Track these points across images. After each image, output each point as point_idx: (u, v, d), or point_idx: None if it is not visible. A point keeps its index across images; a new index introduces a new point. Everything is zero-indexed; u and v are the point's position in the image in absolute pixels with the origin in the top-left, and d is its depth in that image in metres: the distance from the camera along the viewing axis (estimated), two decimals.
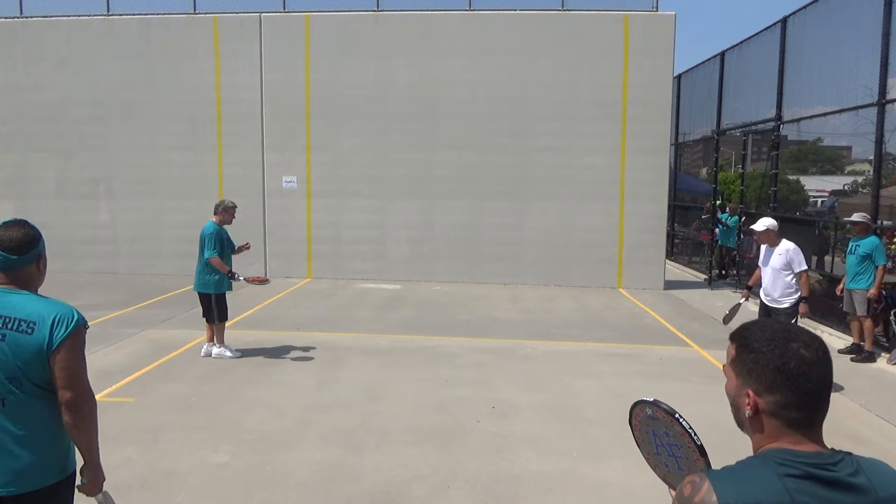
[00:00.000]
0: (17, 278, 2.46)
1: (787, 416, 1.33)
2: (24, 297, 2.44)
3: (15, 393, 2.39)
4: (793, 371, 1.31)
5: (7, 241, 2.43)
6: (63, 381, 2.41)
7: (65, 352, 2.39)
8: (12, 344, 2.36)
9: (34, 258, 2.50)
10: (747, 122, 13.09)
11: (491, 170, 13.21)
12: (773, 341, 1.32)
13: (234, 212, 7.90)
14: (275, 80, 13.40)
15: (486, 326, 9.55)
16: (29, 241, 2.47)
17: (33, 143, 13.96)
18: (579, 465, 4.86)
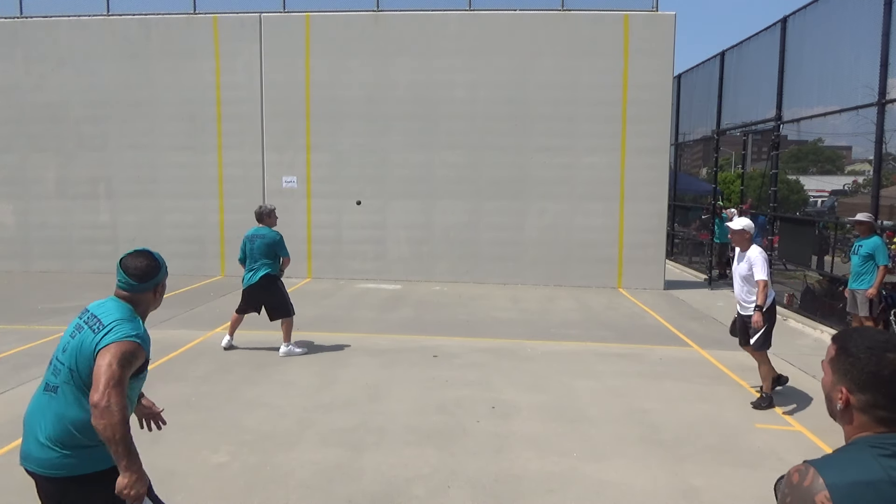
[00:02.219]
0: (132, 299, 2.79)
1: (876, 413, 1.49)
2: (119, 306, 2.73)
3: (69, 384, 2.59)
4: (886, 378, 1.47)
5: (132, 269, 2.76)
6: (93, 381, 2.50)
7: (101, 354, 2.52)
8: (83, 338, 2.60)
9: (151, 287, 2.84)
10: (747, 122, 13.09)
11: (491, 170, 13.21)
12: (871, 349, 1.49)
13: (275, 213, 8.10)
14: (275, 80, 13.40)
15: (486, 326, 9.55)
16: (151, 272, 2.80)
17: (33, 143, 13.96)
18: (579, 465, 4.85)
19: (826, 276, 11.01)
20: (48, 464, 2.62)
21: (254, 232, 7.78)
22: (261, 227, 7.81)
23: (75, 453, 2.61)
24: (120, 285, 2.79)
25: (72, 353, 2.61)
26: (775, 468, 4.86)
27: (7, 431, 5.33)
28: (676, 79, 16.32)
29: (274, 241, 7.70)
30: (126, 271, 2.77)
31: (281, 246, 7.74)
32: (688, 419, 5.85)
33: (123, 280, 2.78)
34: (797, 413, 6.06)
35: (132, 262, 2.78)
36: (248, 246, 7.70)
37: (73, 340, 2.64)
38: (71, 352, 2.61)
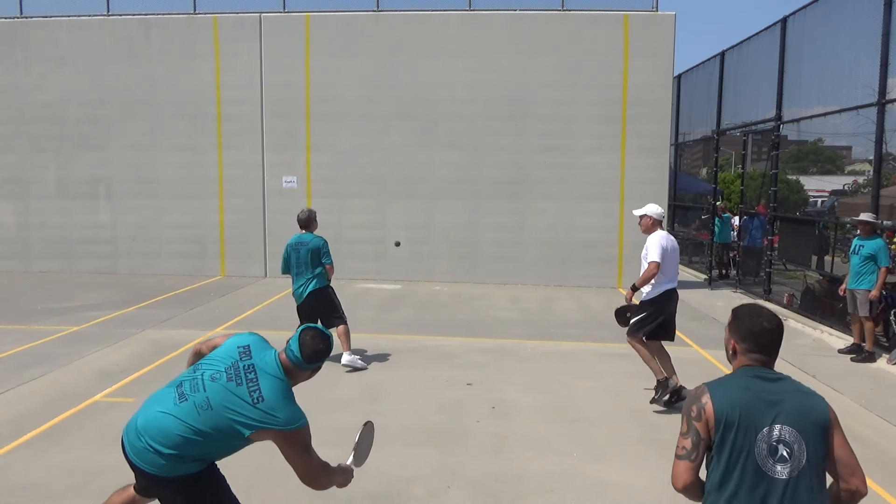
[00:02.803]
0: (293, 373, 2.91)
1: (749, 356, 2.35)
2: (280, 384, 2.85)
3: (202, 408, 2.77)
4: (756, 333, 2.33)
5: (309, 350, 2.89)
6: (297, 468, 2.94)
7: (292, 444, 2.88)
8: (236, 391, 2.77)
9: (315, 368, 2.99)
10: (747, 122, 13.08)
11: (491, 170, 13.21)
12: (750, 316, 2.36)
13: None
14: (275, 80, 13.40)
15: (486, 326, 9.55)
16: (321, 356, 2.94)
17: (33, 143, 13.96)
18: (579, 465, 4.85)
19: (826, 276, 11.01)
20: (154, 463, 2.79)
21: (297, 239, 7.40)
22: (304, 233, 7.42)
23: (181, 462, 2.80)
24: (290, 357, 2.89)
25: (216, 396, 2.78)
26: None
27: (7, 431, 5.33)
28: (676, 79, 16.31)
29: (318, 247, 7.32)
30: (302, 350, 2.89)
31: (326, 252, 7.37)
32: None
33: (296, 356, 2.88)
34: None
35: (312, 343, 2.90)
36: (294, 255, 7.31)
37: (228, 384, 2.79)
38: (216, 393, 2.78)
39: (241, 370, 2.82)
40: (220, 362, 2.88)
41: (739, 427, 2.20)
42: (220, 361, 2.89)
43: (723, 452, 2.22)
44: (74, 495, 4.29)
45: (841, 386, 6.90)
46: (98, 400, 6.09)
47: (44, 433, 5.32)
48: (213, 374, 2.84)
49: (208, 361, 2.92)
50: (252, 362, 2.85)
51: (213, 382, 2.80)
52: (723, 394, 2.26)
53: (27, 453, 4.92)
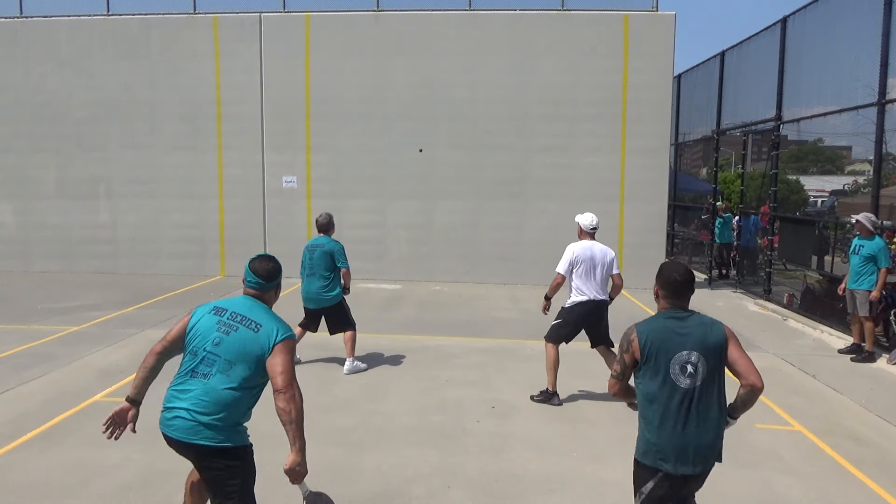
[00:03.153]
0: (262, 297, 3.34)
1: (667, 300, 3.16)
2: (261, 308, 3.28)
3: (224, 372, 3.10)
4: (671, 282, 3.14)
5: (262, 272, 3.31)
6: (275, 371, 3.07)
7: (280, 353, 3.11)
8: (244, 335, 3.14)
9: (275, 286, 3.39)
10: (747, 122, 13.08)
11: (491, 170, 13.21)
12: (668, 269, 3.20)
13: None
14: (275, 80, 13.40)
15: (486, 326, 9.55)
16: (275, 273, 3.37)
17: (33, 143, 13.96)
18: (579, 465, 4.86)
19: (826, 276, 11.01)
20: (193, 432, 3.08)
21: (313, 242, 7.35)
22: (321, 236, 7.36)
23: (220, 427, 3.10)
24: (250, 285, 3.32)
25: (230, 348, 3.11)
26: (775, 468, 4.86)
27: (7, 431, 5.33)
28: (676, 79, 16.30)
29: (333, 251, 7.22)
30: (256, 273, 3.31)
31: (341, 255, 7.25)
32: None
33: (254, 281, 3.31)
34: (797, 413, 6.06)
35: (261, 265, 3.33)
36: (308, 256, 7.25)
37: (228, 337, 3.13)
38: (229, 346, 3.11)
39: (228, 322, 3.17)
40: (209, 330, 3.16)
41: (659, 354, 3.05)
42: (207, 331, 3.17)
43: (648, 372, 3.08)
44: (74, 495, 4.29)
45: (841, 386, 6.90)
46: (98, 400, 6.09)
47: (44, 433, 5.32)
48: (214, 340, 3.13)
49: (197, 340, 3.17)
50: (230, 311, 3.21)
51: (218, 347, 3.12)
52: (645, 331, 3.10)
53: (27, 453, 4.92)
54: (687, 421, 3.01)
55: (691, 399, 3.02)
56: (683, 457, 3.01)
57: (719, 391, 3.09)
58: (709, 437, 3.04)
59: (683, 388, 3.02)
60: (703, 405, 3.03)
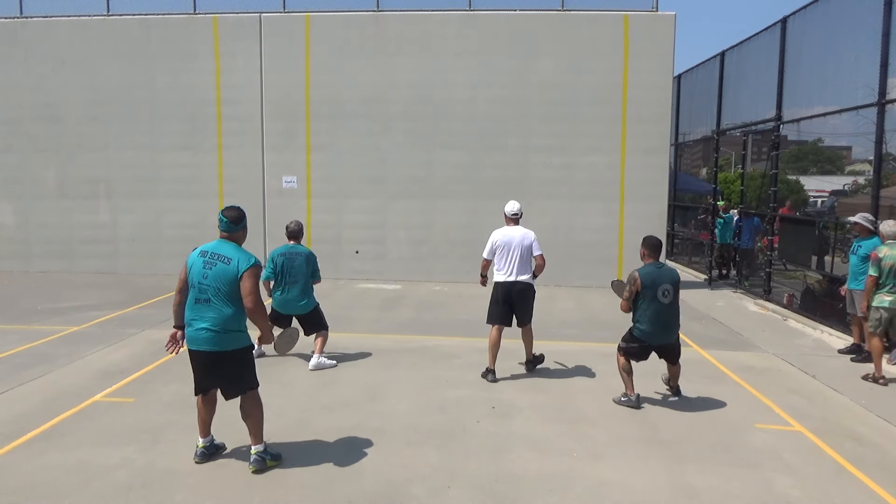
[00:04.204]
0: (233, 238, 4.64)
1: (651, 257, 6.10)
2: (230, 246, 4.59)
3: (217, 296, 4.47)
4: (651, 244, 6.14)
5: (231, 216, 4.62)
6: (245, 293, 4.45)
7: (247, 277, 4.45)
8: (220, 270, 4.46)
9: (242, 227, 4.70)
10: (747, 122, 13.08)
11: (491, 170, 13.21)
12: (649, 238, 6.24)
13: None
14: (275, 80, 13.40)
15: (486, 326, 9.51)
16: (241, 218, 4.68)
17: (33, 143, 13.96)
18: (579, 465, 4.86)
19: (826, 276, 11.00)
20: (211, 341, 4.49)
21: (290, 249, 7.35)
22: (294, 243, 7.43)
23: (227, 335, 4.52)
24: (223, 228, 4.62)
25: (214, 279, 4.45)
26: (775, 468, 4.86)
27: (7, 431, 5.33)
28: (676, 79, 16.31)
29: (313, 259, 7.41)
30: (230, 218, 4.61)
31: (316, 266, 7.47)
32: (688, 419, 5.85)
33: (225, 222, 4.61)
34: (797, 413, 6.06)
35: (230, 212, 4.63)
36: (287, 264, 7.24)
37: (212, 271, 4.45)
38: (213, 277, 4.45)
39: (209, 260, 4.50)
40: (199, 268, 4.50)
41: (649, 287, 5.89)
42: (199, 269, 4.50)
43: (644, 299, 5.94)
44: (74, 495, 4.29)
45: (841, 386, 6.90)
46: (98, 400, 6.09)
47: (44, 433, 5.32)
48: (203, 275, 4.48)
49: (193, 276, 4.50)
50: (210, 251, 4.54)
51: (206, 279, 4.47)
52: (643, 273, 5.94)
53: (27, 453, 4.92)
54: (663, 321, 5.99)
55: (667, 310, 5.98)
56: (659, 337, 6.06)
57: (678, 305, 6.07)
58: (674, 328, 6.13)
59: (662, 304, 5.94)
60: (672, 313, 6.04)
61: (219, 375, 4.62)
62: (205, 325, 4.45)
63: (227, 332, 4.48)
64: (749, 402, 6.37)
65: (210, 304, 4.45)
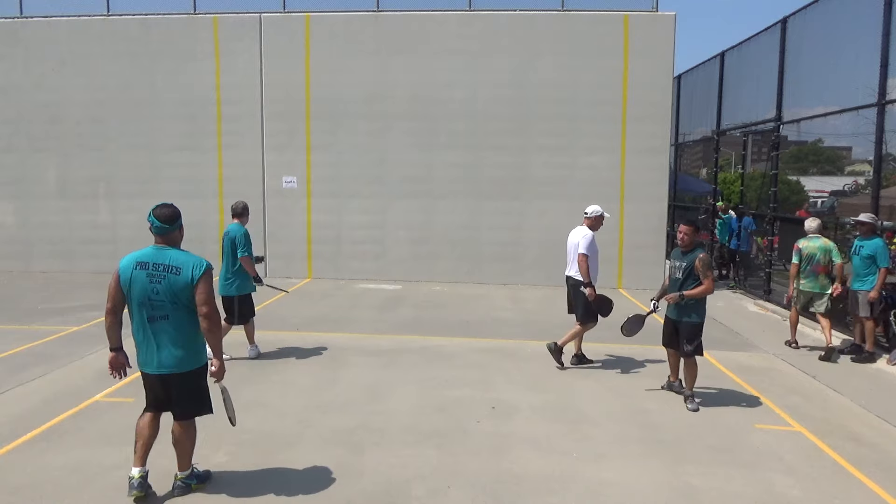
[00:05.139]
0: (168, 239, 4.14)
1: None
2: (173, 252, 4.10)
3: (175, 311, 4.01)
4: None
5: (163, 216, 4.11)
6: (201, 301, 4.00)
7: (201, 284, 4.01)
8: (171, 282, 3.98)
9: (178, 227, 4.19)
10: (747, 123, 13.08)
11: (491, 170, 13.21)
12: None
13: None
14: (275, 80, 13.40)
15: (486, 326, 9.55)
16: (175, 217, 4.16)
17: (33, 143, 13.96)
18: (579, 465, 4.85)
19: None
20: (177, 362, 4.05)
21: (226, 229, 7.49)
22: (234, 223, 7.47)
23: (191, 353, 4.09)
24: (157, 231, 4.13)
25: (167, 292, 3.98)
26: (775, 468, 4.86)
27: (7, 431, 5.32)
28: (676, 79, 16.30)
29: (234, 237, 7.30)
30: (160, 218, 4.11)
31: (241, 243, 7.28)
32: (688, 419, 5.85)
33: (159, 225, 4.11)
34: (797, 413, 6.06)
35: (161, 211, 4.13)
36: (223, 243, 7.42)
37: (162, 285, 3.98)
38: (165, 292, 3.98)
39: (154, 273, 4.02)
40: (144, 283, 4.00)
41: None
42: (143, 283, 4.00)
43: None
44: (74, 495, 4.28)
45: (841, 386, 6.90)
46: (98, 400, 6.09)
47: (44, 433, 5.32)
48: (153, 290, 4.00)
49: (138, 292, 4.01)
50: (151, 262, 4.04)
51: (158, 294, 3.99)
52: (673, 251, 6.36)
53: (27, 453, 4.92)
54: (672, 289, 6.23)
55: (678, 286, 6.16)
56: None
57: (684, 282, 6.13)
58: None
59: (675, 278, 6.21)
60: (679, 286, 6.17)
61: (179, 397, 4.18)
62: (167, 345, 4.02)
63: (190, 349, 4.09)
64: (749, 402, 6.37)
65: (169, 320, 4.01)
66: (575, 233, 7.49)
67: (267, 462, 4.83)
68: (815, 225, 8.57)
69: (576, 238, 7.37)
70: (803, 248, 8.40)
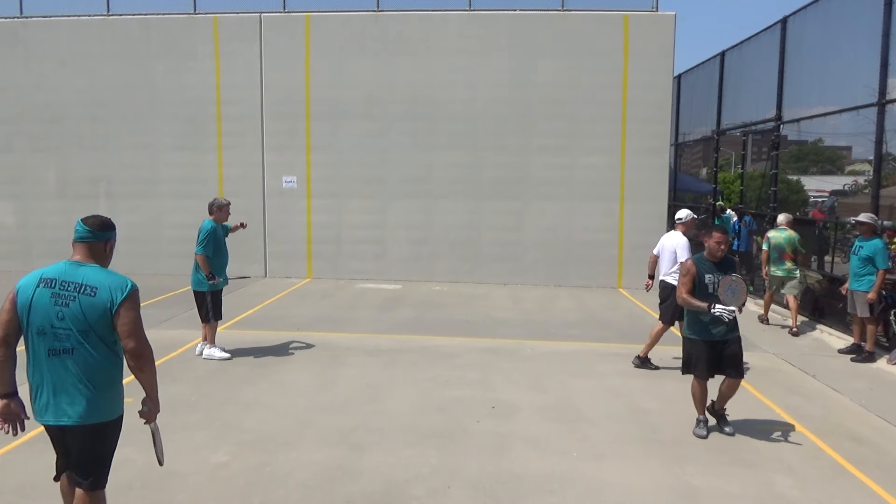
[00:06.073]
0: (90, 252, 3.21)
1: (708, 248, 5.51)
2: (90, 269, 3.16)
3: (83, 344, 3.08)
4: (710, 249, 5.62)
5: (91, 222, 3.25)
6: (125, 332, 3.08)
7: (124, 310, 3.08)
8: (83, 304, 3.06)
9: (105, 239, 3.26)
10: (747, 122, 13.08)
11: (491, 170, 13.21)
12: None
13: (228, 208, 7.89)
14: (275, 80, 13.40)
15: (486, 326, 9.55)
16: (106, 226, 3.28)
17: (33, 143, 13.96)
18: (579, 465, 4.85)
19: (826, 276, 11.00)
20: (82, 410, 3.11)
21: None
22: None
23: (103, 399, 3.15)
24: (79, 237, 3.22)
25: (76, 318, 3.06)
26: (775, 468, 4.86)
27: None
28: (676, 79, 16.30)
29: (201, 230, 7.56)
30: (85, 223, 3.24)
31: (199, 240, 7.49)
32: (688, 419, 5.84)
33: (86, 230, 3.21)
34: (797, 413, 6.06)
35: (91, 218, 3.28)
36: None
37: (70, 309, 3.06)
38: (73, 318, 3.06)
39: (61, 293, 3.09)
40: (47, 306, 3.10)
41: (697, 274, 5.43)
42: (43, 307, 3.11)
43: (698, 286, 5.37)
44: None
45: (841, 386, 6.90)
46: None
47: (43, 433, 5.30)
48: (57, 315, 3.08)
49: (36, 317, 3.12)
50: (59, 280, 3.13)
51: (62, 322, 3.08)
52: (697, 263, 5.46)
53: (27, 453, 4.92)
54: None
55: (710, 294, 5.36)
56: None
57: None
58: None
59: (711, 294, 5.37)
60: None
61: (80, 458, 3.25)
62: (68, 388, 3.10)
63: (100, 395, 3.14)
64: (749, 402, 6.36)
65: (74, 355, 3.08)
66: (670, 238, 7.47)
67: (267, 462, 4.83)
68: (784, 218, 9.57)
69: (672, 243, 7.37)
70: (772, 237, 9.52)
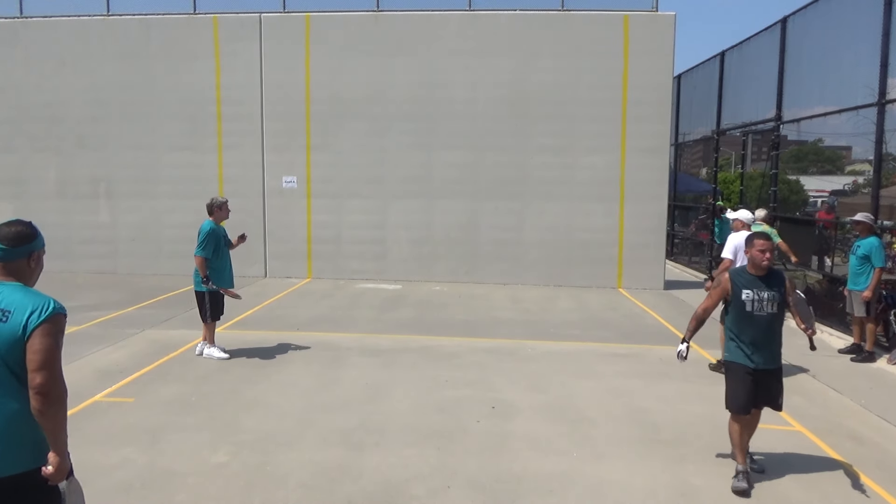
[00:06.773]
0: (9, 270, 2.64)
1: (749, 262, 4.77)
2: (6, 288, 2.60)
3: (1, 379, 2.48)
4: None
5: (4, 234, 2.63)
6: (33, 363, 2.51)
7: (38, 337, 2.53)
8: None
9: (26, 253, 2.67)
10: (747, 122, 13.08)
11: (491, 170, 13.21)
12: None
13: (227, 206, 7.96)
14: (275, 80, 13.39)
15: (486, 326, 9.55)
16: (23, 238, 2.66)
17: (33, 143, 13.96)
18: (579, 465, 4.85)
19: (826, 276, 11.00)
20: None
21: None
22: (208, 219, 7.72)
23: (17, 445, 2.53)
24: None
25: None
26: (775, 469, 4.86)
27: None
28: (676, 79, 16.31)
29: (201, 231, 7.62)
30: (5, 238, 2.63)
31: (198, 242, 7.55)
32: (688, 419, 5.85)
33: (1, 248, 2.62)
34: (797, 413, 6.06)
35: (5, 228, 2.65)
36: None
37: None
38: None
39: None
40: None
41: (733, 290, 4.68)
42: None
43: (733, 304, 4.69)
44: None
45: (841, 386, 6.90)
46: (98, 400, 6.09)
47: None
48: None
49: None
50: None
51: None
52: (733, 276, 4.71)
53: None
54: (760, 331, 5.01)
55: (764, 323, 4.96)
56: None
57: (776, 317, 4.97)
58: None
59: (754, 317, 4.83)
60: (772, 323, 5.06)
61: None
62: None
63: (17, 438, 2.53)
64: None
65: None
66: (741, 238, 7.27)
67: (267, 462, 4.83)
68: (762, 214, 9.66)
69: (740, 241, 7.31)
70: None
